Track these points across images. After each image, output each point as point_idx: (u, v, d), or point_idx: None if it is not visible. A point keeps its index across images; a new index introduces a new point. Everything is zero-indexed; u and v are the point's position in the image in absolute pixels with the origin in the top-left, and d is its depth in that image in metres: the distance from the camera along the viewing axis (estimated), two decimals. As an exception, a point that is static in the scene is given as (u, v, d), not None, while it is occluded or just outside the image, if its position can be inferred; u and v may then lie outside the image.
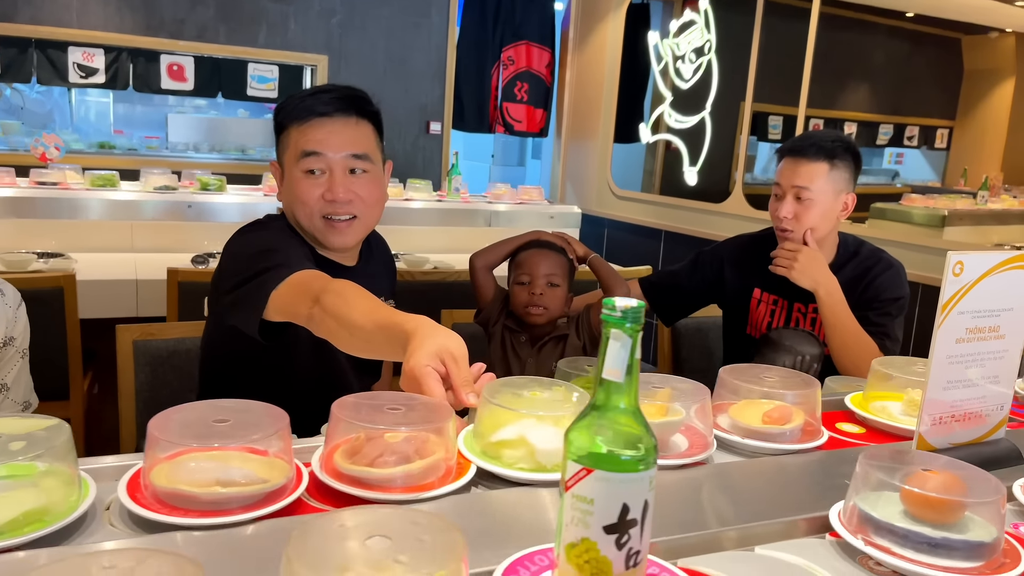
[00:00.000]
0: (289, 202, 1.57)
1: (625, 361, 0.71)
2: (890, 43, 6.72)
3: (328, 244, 1.57)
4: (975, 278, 1.03)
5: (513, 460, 1.04)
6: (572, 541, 0.72)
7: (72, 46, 5.02)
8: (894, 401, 1.42)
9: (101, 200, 3.49)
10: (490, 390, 1.10)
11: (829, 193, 1.96)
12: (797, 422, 1.25)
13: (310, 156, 1.50)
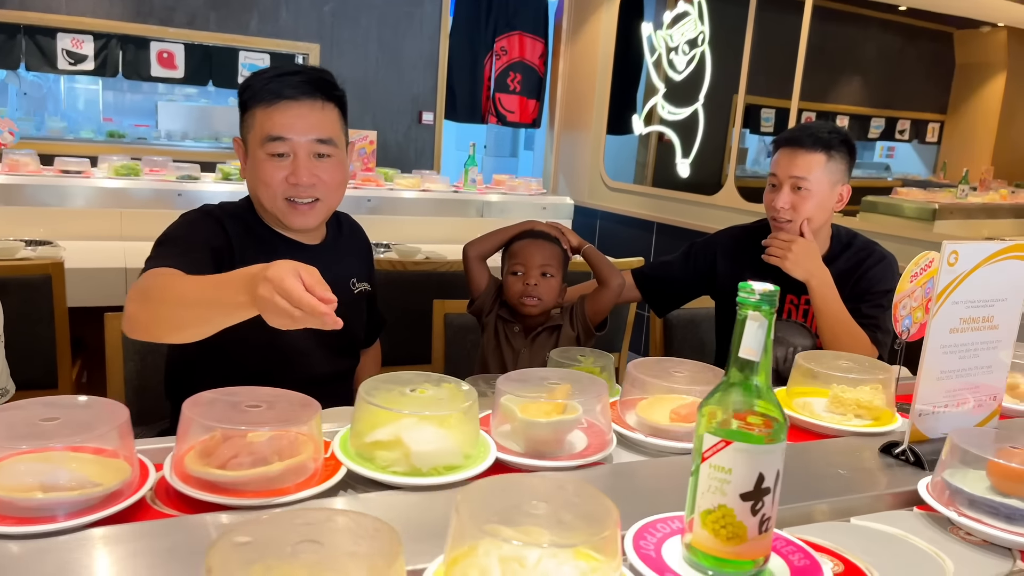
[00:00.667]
0: (252, 182, 1.58)
1: (761, 341, 0.78)
2: (882, 36, 6.72)
3: (290, 225, 1.59)
4: (970, 268, 1.02)
5: (387, 463, 0.99)
6: (708, 508, 0.79)
7: (61, 32, 4.97)
8: (819, 397, 1.40)
9: (89, 188, 3.47)
10: (368, 387, 1.05)
11: (826, 184, 1.96)
12: None
13: (276, 140, 1.51)
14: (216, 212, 1.60)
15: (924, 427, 1.09)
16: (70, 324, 2.56)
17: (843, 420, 1.34)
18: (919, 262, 1.50)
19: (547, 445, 1.12)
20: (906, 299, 1.47)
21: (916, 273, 1.51)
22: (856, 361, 1.48)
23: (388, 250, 3.56)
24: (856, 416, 1.35)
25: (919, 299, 1.50)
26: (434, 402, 1.06)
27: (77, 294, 2.69)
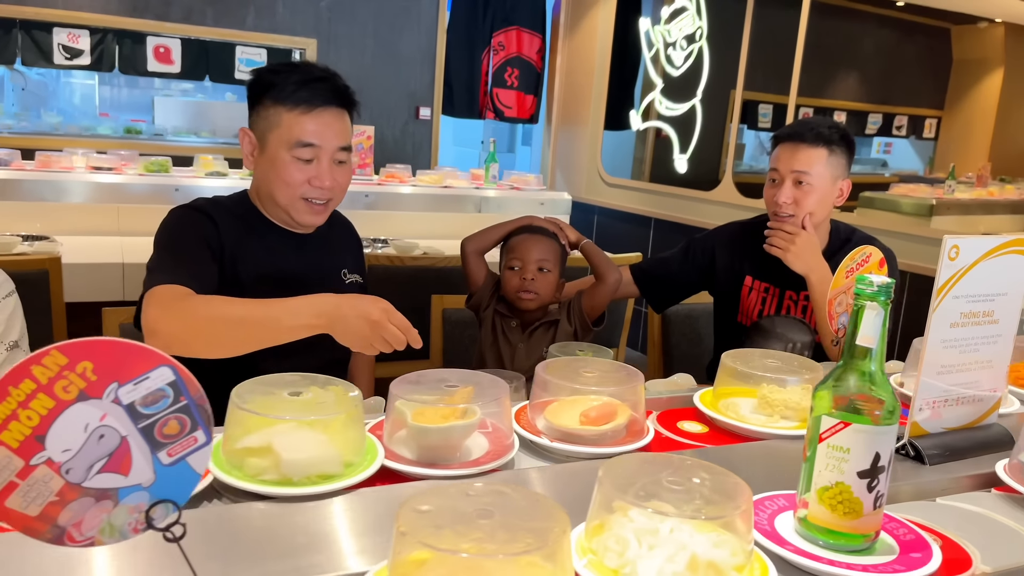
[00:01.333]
0: (267, 178, 1.61)
1: (878, 330, 0.84)
2: (880, 32, 6.72)
3: (301, 222, 1.66)
4: (971, 262, 1.02)
5: (257, 471, 0.94)
6: (826, 485, 0.86)
7: (57, 27, 4.95)
8: (747, 398, 1.33)
9: (87, 183, 3.46)
10: (244, 390, 1.00)
11: (827, 179, 1.96)
12: (620, 420, 1.16)
13: (306, 147, 1.57)
14: (206, 207, 1.63)
15: (924, 422, 1.09)
16: (67, 319, 2.55)
17: (769, 422, 1.28)
18: (855, 257, 1.47)
19: (439, 452, 1.06)
20: (842, 295, 1.43)
21: (852, 268, 1.46)
22: (784, 360, 1.40)
23: (386, 245, 3.56)
24: (783, 418, 1.28)
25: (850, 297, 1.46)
26: (312, 406, 1.00)
27: (74, 289, 2.68)
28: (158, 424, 0.65)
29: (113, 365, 0.63)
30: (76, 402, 0.63)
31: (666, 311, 2.52)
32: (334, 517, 0.90)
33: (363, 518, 0.90)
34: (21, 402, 0.61)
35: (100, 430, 0.63)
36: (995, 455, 1.11)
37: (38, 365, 0.62)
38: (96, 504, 0.64)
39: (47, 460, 0.62)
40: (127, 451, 0.65)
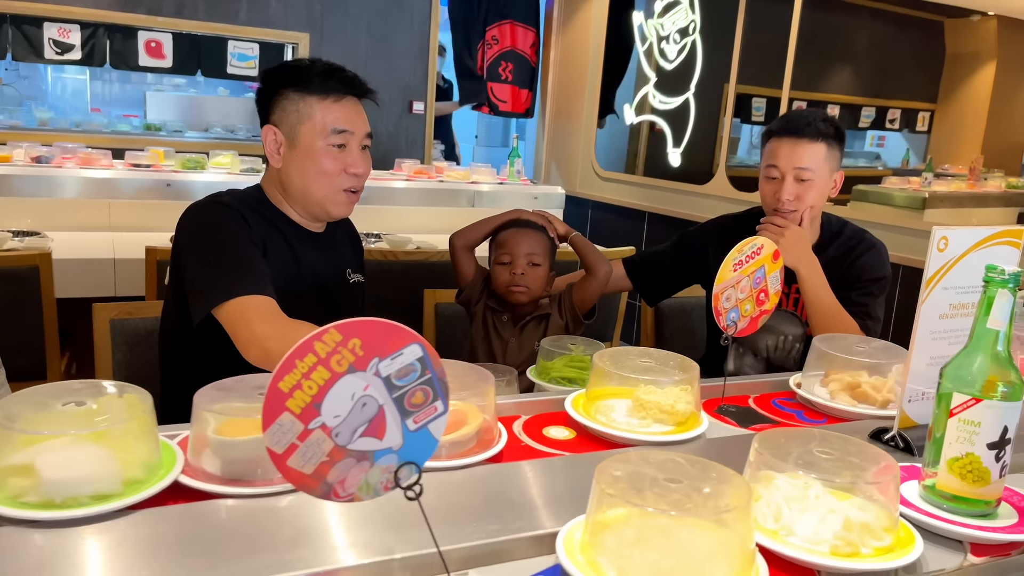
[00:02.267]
0: (301, 172, 1.62)
1: (1007, 315, 0.92)
2: (873, 26, 6.72)
3: (335, 214, 1.69)
4: (959, 253, 1.02)
5: (17, 492, 0.85)
6: (956, 456, 0.95)
7: (47, 22, 4.93)
8: (623, 399, 1.24)
9: (78, 178, 3.44)
10: (15, 400, 0.92)
11: (826, 172, 1.97)
12: (467, 430, 1.07)
13: (341, 133, 1.61)
14: (231, 202, 1.63)
15: (913, 413, 1.09)
16: (59, 315, 2.55)
17: (641, 426, 1.20)
18: (743, 248, 1.38)
19: (244, 466, 0.95)
20: (730, 289, 1.35)
21: (740, 261, 1.38)
22: (658, 360, 1.31)
23: (379, 240, 3.55)
24: (656, 421, 1.20)
25: (747, 290, 1.39)
26: (85, 418, 0.89)
27: (65, 285, 2.67)
28: (407, 395, 0.75)
29: (376, 342, 0.72)
30: (346, 374, 0.72)
31: (659, 304, 2.52)
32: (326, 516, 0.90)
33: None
34: (304, 373, 0.69)
35: (363, 399, 0.73)
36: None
37: (319, 342, 0.70)
38: (357, 464, 0.74)
39: (322, 425, 0.71)
40: (383, 418, 0.74)
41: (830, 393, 1.39)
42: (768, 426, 1.34)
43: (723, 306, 1.36)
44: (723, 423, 1.33)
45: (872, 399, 1.35)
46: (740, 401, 1.45)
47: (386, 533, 0.84)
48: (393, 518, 0.87)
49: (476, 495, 0.96)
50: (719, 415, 1.36)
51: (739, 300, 1.37)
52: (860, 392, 1.36)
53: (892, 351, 1.47)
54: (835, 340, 1.50)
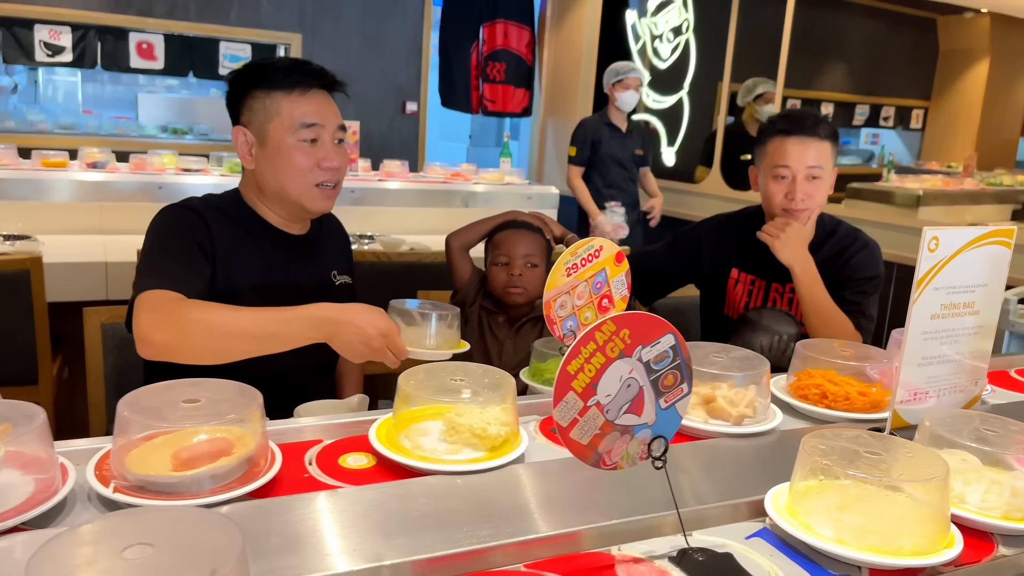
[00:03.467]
0: (274, 171, 1.59)
1: None
2: (866, 23, 6.73)
3: (313, 210, 1.64)
4: (950, 254, 1.02)
5: None
6: None
7: (38, 24, 4.91)
8: (435, 421, 1.12)
9: (69, 181, 3.42)
10: None
11: (830, 170, 1.97)
12: (226, 461, 0.94)
13: (310, 127, 1.57)
14: (198, 206, 1.60)
15: (906, 413, 1.09)
16: (50, 319, 2.53)
17: (449, 452, 1.07)
18: (577, 251, 1.23)
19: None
20: (564, 296, 1.22)
21: (575, 265, 1.23)
22: (473, 377, 1.17)
23: (372, 241, 3.54)
24: (468, 446, 1.08)
25: (585, 296, 1.26)
26: None
27: (56, 289, 2.66)
28: (662, 377, 0.88)
29: (640, 332, 0.85)
30: (617, 359, 0.84)
31: (653, 304, 2.52)
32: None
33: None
34: (586, 358, 0.82)
35: (628, 380, 0.85)
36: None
37: (599, 331, 0.82)
38: (620, 437, 0.86)
39: (596, 403, 0.84)
40: (642, 398, 0.87)
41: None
42: None
43: (556, 314, 1.24)
44: (553, 443, 1.17)
45: (726, 414, 1.23)
46: None
47: (374, 540, 0.84)
48: (380, 525, 0.86)
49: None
50: (553, 434, 1.19)
51: (577, 307, 1.25)
52: (715, 407, 1.24)
53: (751, 361, 1.33)
54: (700, 348, 1.38)
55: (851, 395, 1.31)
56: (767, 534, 0.92)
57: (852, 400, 1.30)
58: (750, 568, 0.84)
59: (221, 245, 1.55)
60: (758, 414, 1.25)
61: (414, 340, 1.34)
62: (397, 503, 0.93)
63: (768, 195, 2.02)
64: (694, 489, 1.02)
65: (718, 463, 1.11)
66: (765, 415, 1.26)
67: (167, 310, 1.34)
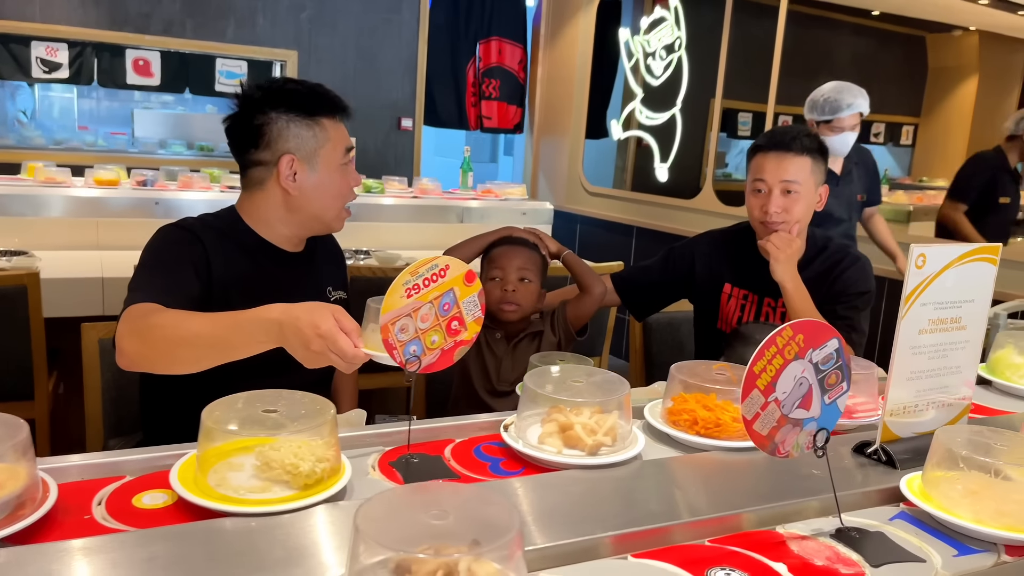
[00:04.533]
0: (320, 194, 1.64)
1: None
2: (856, 41, 6.80)
3: (336, 229, 1.73)
4: (937, 270, 1.04)
5: None
6: None
7: (35, 40, 4.93)
8: (247, 456, 1.02)
9: (66, 197, 3.44)
10: None
11: (812, 186, 2.00)
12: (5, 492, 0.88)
13: (351, 150, 1.68)
14: (194, 226, 1.62)
15: (895, 427, 1.11)
16: (46, 334, 2.54)
17: (256, 490, 0.98)
18: (418, 270, 1.13)
19: None
20: (404, 319, 1.12)
21: (415, 285, 1.13)
22: (287, 406, 1.07)
23: (368, 257, 3.56)
24: (280, 483, 0.99)
25: (430, 319, 1.15)
26: None
27: (53, 304, 2.66)
28: (826, 376, 1.00)
29: (812, 336, 0.98)
30: (793, 361, 0.97)
31: (647, 319, 2.54)
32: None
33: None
34: (768, 360, 0.95)
35: (800, 379, 0.98)
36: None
37: (780, 336, 0.96)
38: (792, 429, 0.99)
39: (775, 399, 0.97)
40: (811, 394, 0.99)
41: (540, 437, 1.18)
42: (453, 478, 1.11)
43: (396, 338, 1.12)
44: (390, 479, 1.09)
45: (582, 444, 1.14)
46: (434, 449, 1.21)
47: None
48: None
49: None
50: (392, 468, 1.12)
51: (421, 331, 1.14)
52: (571, 436, 1.15)
53: (610, 386, 1.25)
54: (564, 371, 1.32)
55: (723, 421, 1.24)
56: (906, 516, 1.03)
57: (724, 427, 1.23)
58: (902, 544, 0.96)
59: (217, 264, 1.56)
60: (619, 442, 1.17)
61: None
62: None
63: (748, 209, 2.06)
64: (689, 502, 1.03)
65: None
66: (624, 443, 1.18)
67: (139, 321, 1.35)
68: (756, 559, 0.90)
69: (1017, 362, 1.67)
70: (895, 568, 0.90)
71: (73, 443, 2.37)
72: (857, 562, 0.90)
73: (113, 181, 3.65)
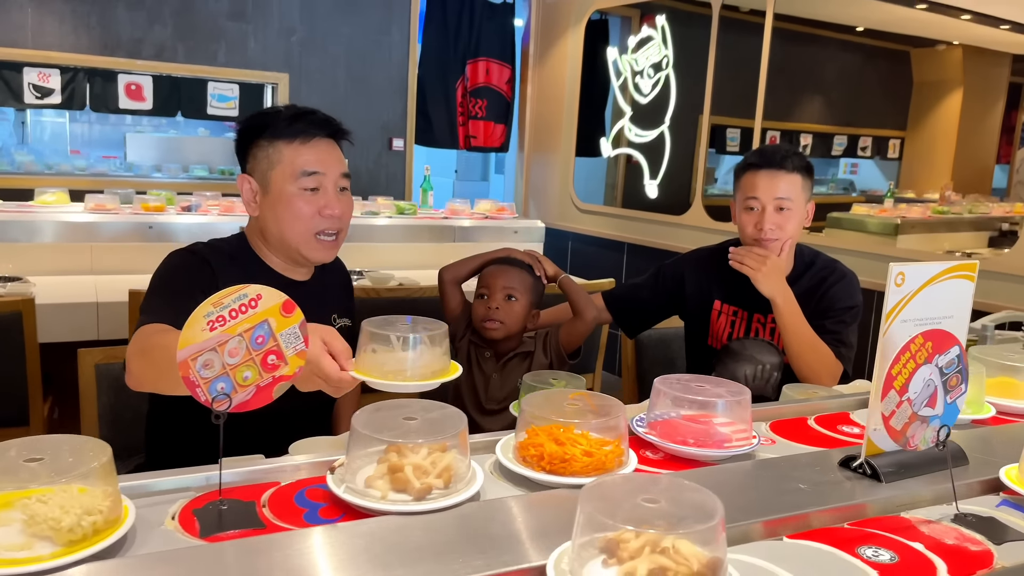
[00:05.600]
0: (276, 219, 1.61)
1: None
2: (842, 56, 6.88)
3: (313, 259, 1.66)
4: (916, 288, 1.07)
5: None
6: None
7: (27, 67, 4.96)
8: (12, 510, 0.87)
9: (59, 222, 3.45)
10: None
11: (803, 203, 2.04)
12: None
13: (312, 175, 1.59)
14: (203, 251, 1.63)
15: (879, 441, 1.13)
16: (41, 359, 2.55)
17: (17, 548, 0.85)
18: (223, 301, 1.02)
19: None
20: (209, 354, 1.01)
21: (220, 317, 1.01)
22: (51, 452, 0.94)
23: (361, 277, 3.58)
24: (47, 540, 0.86)
25: (241, 353, 1.03)
26: None
27: (48, 330, 2.67)
28: (949, 379, 1.13)
29: (939, 343, 1.11)
30: (923, 365, 1.10)
31: (639, 336, 2.56)
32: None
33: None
34: (903, 364, 1.09)
35: (927, 381, 1.11)
36: (948, 470, 1.15)
37: (912, 343, 1.09)
38: (920, 425, 1.12)
39: (908, 398, 1.10)
40: (936, 395, 1.12)
41: (368, 479, 1.04)
42: (229, 535, 0.95)
43: (199, 375, 1.01)
44: (183, 532, 0.96)
45: (409, 487, 1.01)
46: (250, 494, 1.06)
47: (374, 572, 0.87)
48: (381, 557, 0.89)
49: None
50: (195, 517, 0.99)
51: (230, 366, 1.02)
52: (399, 478, 1.03)
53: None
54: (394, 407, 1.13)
55: (572, 456, 1.11)
56: (1010, 504, 1.13)
57: (571, 462, 1.11)
58: (1014, 527, 1.04)
59: (225, 287, 1.58)
60: (455, 483, 1.04)
61: (387, 368, 1.19)
62: None
63: (740, 226, 2.09)
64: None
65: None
66: (460, 484, 1.05)
67: (144, 339, 1.36)
68: (895, 539, 1.00)
69: None
70: (1015, 546, 0.99)
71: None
72: (981, 541, 1.00)
73: (159, 207, 3.76)
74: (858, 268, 2.18)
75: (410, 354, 1.20)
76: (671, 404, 1.29)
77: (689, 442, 1.24)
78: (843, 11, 6.05)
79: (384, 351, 1.19)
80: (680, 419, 1.27)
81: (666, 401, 1.29)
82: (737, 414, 1.25)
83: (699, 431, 1.24)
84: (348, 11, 5.59)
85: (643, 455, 1.26)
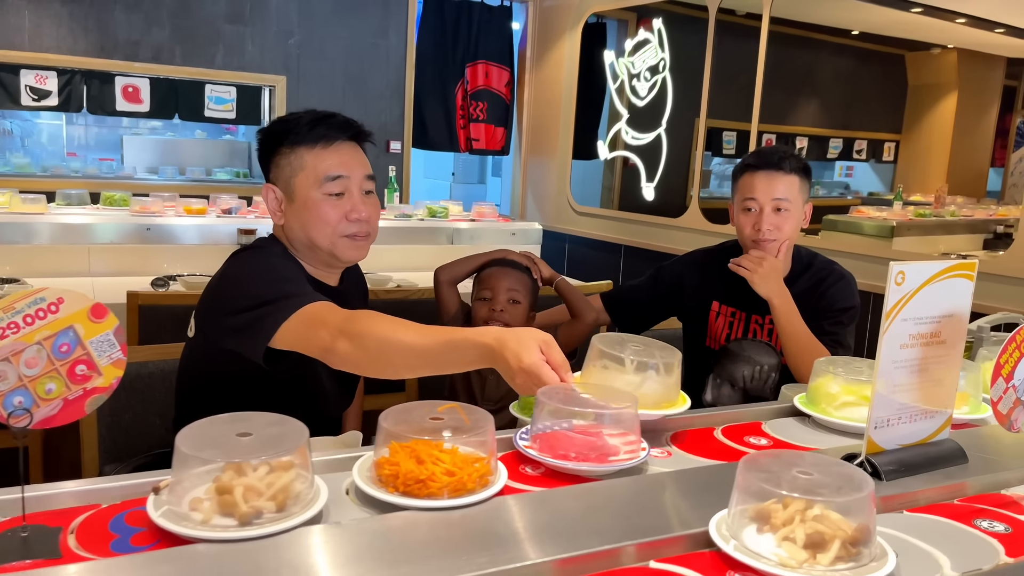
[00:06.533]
0: (303, 225, 1.59)
1: None
2: (837, 60, 6.91)
3: (345, 259, 1.63)
4: (916, 287, 1.08)
5: None
6: None
7: (24, 69, 4.95)
8: None
9: (56, 224, 3.45)
10: None
11: (800, 204, 2.05)
12: None
13: (335, 180, 1.57)
14: (271, 249, 1.62)
15: (879, 439, 1.14)
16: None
17: None
18: (14, 306, 0.92)
19: None
20: (1, 364, 0.90)
21: (11, 324, 0.91)
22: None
23: (359, 279, 3.58)
24: None
25: (41, 363, 0.92)
26: None
27: (46, 332, 2.67)
28: None
29: None
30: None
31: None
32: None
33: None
34: (1010, 354, 1.19)
35: None
36: (948, 469, 1.16)
37: (1019, 334, 1.19)
38: (1021, 409, 1.20)
39: (1013, 385, 1.20)
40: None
41: (193, 502, 0.94)
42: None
43: (45, 394, 0.92)
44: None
45: (236, 511, 0.91)
46: (60, 519, 0.95)
47: (380, 570, 0.87)
48: (385, 555, 0.89)
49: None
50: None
51: (29, 378, 0.91)
52: (227, 500, 0.92)
53: None
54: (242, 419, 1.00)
55: (431, 475, 1.00)
56: None
57: (428, 482, 0.99)
58: None
59: None
60: (292, 505, 0.94)
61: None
62: None
63: (739, 227, 2.10)
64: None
65: None
66: (299, 506, 0.95)
67: (344, 324, 1.33)
68: (1006, 514, 1.07)
69: (833, 392, 1.43)
70: None
71: (68, 469, 2.37)
72: None
73: (201, 211, 3.83)
74: (854, 270, 2.19)
75: (640, 379, 1.22)
76: (554, 415, 1.16)
77: (571, 456, 1.12)
78: (839, 15, 6.08)
79: (616, 370, 1.21)
80: (570, 431, 1.15)
81: (549, 412, 1.17)
82: (630, 426, 1.15)
83: (585, 443, 1.13)
84: (346, 14, 5.59)
85: (522, 471, 1.14)
